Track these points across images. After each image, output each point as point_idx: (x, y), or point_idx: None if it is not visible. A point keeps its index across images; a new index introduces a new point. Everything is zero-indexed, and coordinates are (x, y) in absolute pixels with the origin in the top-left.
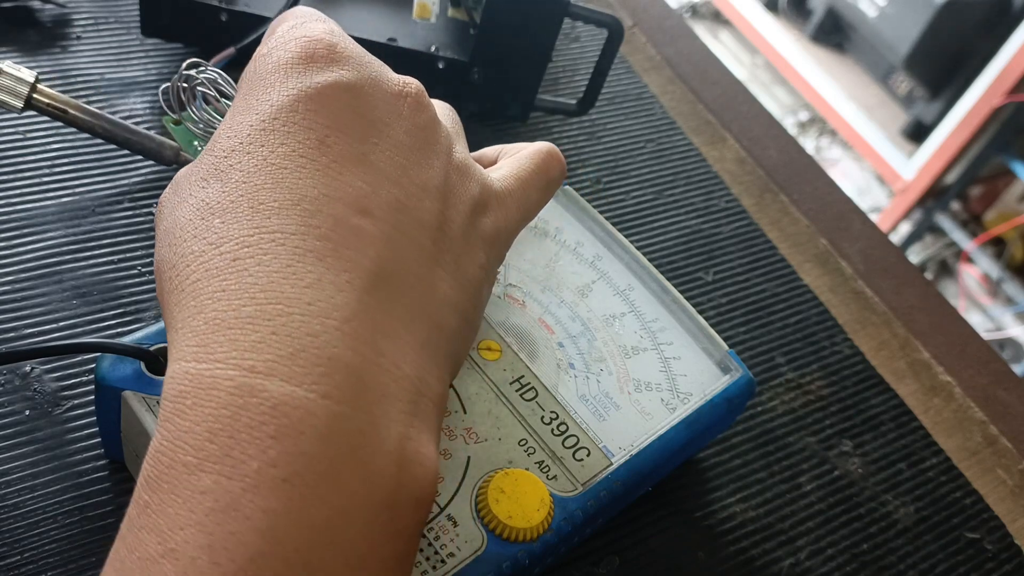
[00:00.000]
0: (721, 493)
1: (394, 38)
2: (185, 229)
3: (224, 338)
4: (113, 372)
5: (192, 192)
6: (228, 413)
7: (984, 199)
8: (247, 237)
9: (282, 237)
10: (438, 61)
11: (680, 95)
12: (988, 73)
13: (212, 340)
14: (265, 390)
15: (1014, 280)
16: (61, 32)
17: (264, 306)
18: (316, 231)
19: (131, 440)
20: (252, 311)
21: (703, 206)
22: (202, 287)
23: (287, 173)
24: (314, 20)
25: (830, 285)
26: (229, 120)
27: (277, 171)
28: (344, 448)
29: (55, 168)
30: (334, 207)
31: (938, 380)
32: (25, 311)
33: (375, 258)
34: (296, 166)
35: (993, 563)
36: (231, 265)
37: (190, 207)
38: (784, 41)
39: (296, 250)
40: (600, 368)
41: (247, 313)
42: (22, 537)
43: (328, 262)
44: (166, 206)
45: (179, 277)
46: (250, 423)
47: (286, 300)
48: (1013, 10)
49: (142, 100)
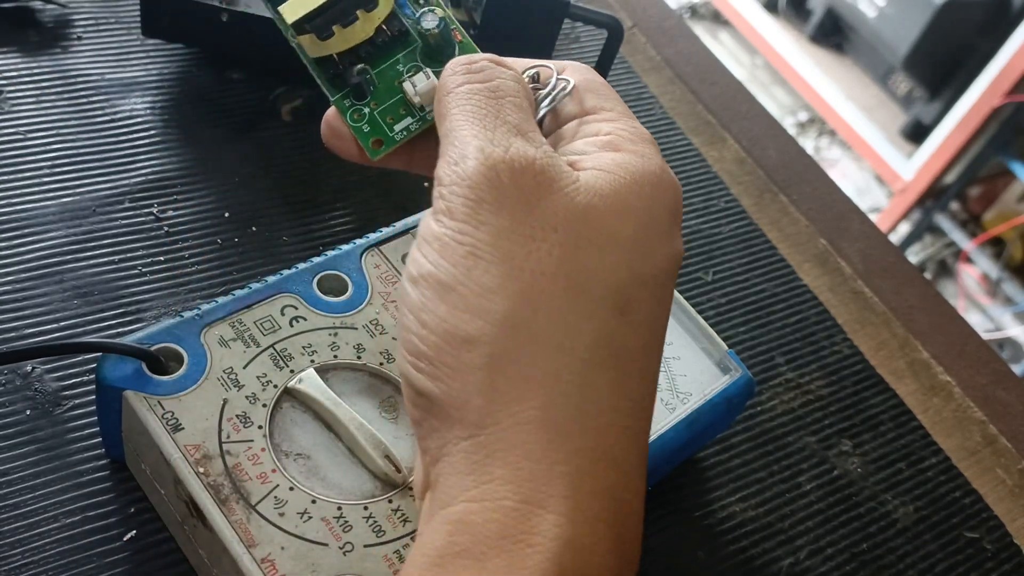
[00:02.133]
0: (721, 492)
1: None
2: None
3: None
4: (114, 372)
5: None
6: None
7: (983, 199)
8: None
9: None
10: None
11: (680, 95)
12: (987, 73)
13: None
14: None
15: (1013, 280)
16: (62, 32)
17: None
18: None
19: (132, 440)
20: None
21: (702, 206)
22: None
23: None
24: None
25: (829, 285)
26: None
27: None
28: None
29: (56, 168)
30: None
31: (937, 380)
32: (26, 311)
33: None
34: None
35: (992, 562)
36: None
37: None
38: (783, 42)
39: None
40: None
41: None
42: (23, 537)
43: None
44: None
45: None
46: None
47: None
48: (1012, 10)
49: (142, 100)
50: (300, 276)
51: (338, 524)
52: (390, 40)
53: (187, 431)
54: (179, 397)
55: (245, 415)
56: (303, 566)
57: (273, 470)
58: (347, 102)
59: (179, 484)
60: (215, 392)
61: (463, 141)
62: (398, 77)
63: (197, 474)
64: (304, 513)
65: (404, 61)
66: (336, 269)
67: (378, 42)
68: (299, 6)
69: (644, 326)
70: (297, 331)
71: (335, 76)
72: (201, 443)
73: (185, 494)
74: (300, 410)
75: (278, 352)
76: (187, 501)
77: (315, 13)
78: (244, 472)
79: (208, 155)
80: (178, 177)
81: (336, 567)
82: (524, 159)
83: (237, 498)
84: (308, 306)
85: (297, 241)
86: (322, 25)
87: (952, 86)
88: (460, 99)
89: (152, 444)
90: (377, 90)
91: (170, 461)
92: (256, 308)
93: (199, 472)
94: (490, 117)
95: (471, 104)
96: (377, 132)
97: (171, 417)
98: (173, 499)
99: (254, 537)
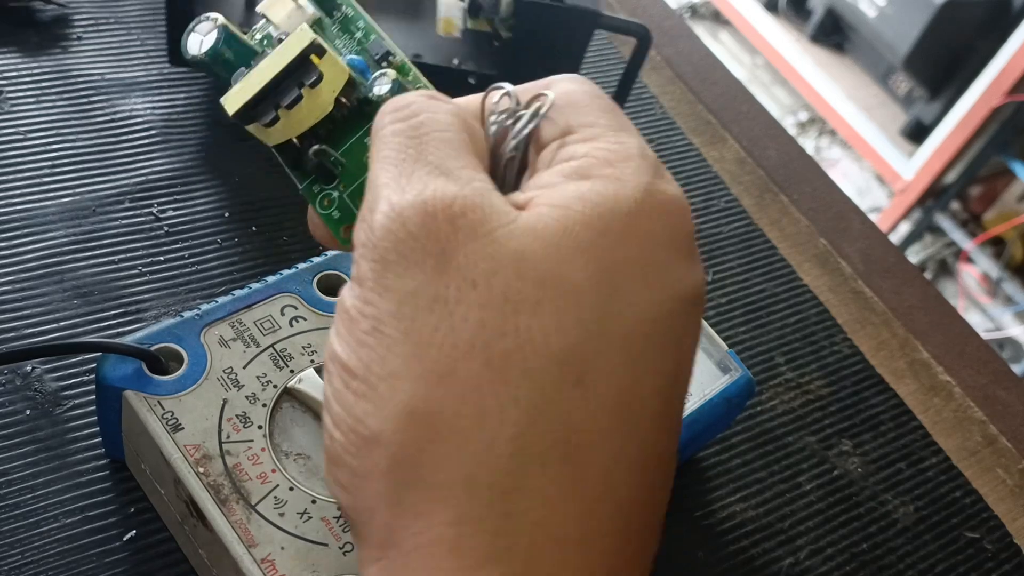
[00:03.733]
0: (721, 492)
1: (419, 54)
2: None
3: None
4: (114, 372)
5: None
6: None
7: (984, 199)
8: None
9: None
10: (468, 76)
11: (680, 95)
12: (988, 73)
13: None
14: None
15: (1013, 280)
16: (61, 32)
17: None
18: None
19: (132, 440)
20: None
21: (703, 206)
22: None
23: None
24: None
25: (830, 285)
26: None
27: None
28: None
29: (55, 168)
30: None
31: (937, 380)
32: (26, 311)
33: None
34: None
35: (992, 563)
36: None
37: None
38: (784, 41)
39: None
40: None
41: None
42: (23, 537)
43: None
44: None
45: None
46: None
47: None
48: (1013, 10)
49: (142, 100)
50: (300, 276)
51: (338, 524)
52: (352, 112)
53: (187, 431)
54: (179, 397)
55: (245, 415)
56: (303, 566)
57: (273, 470)
58: (316, 188)
59: (179, 484)
60: (215, 392)
61: (375, 191)
62: (367, 151)
63: (197, 474)
64: (304, 513)
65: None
66: (336, 269)
67: (338, 117)
68: (239, 94)
69: (613, 399)
70: (297, 331)
71: (298, 161)
72: (201, 443)
73: (185, 494)
74: (300, 410)
75: (278, 352)
76: (187, 501)
77: (253, 101)
78: (244, 472)
79: (208, 155)
80: (178, 177)
81: (336, 567)
82: (440, 200)
83: (237, 498)
84: (308, 306)
85: (297, 241)
86: (264, 112)
87: (952, 86)
88: (381, 144)
89: (152, 444)
90: (346, 170)
91: (170, 461)
92: (256, 308)
93: (199, 472)
94: (408, 160)
95: (390, 148)
96: (348, 218)
97: (171, 417)
98: (173, 499)
99: (254, 537)
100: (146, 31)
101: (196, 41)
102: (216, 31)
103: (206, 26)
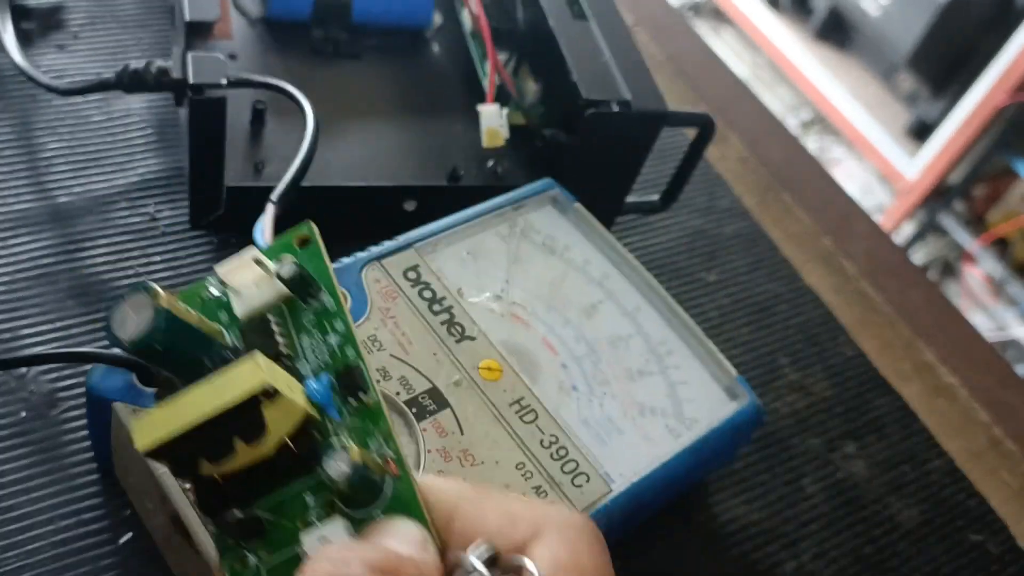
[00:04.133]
0: (723, 495)
1: (458, 174)
2: None
3: None
4: (104, 383)
5: None
6: None
7: (988, 199)
8: None
9: None
10: (509, 186)
11: (682, 94)
12: (992, 72)
13: None
14: None
15: (1018, 281)
16: (58, 31)
17: None
18: None
19: (121, 452)
20: None
21: (705, 206)
22: None
23: None
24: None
25: (833, 285)
26: None
27: None
28: None
29: (51, 168)
30: None
31: (942, 381)
32: (20, 312)
33: None
34: None
35: (997, 566)
36: None
37: None
38: (786, 39)
39: None
40: (604, 391)
41: None
42: (17, 540)
43: None
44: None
45: None
46: None
47: None
48: (1017, 8)
49: (139, 99)
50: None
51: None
52: (298, 461)
53: None
54: None
55: None
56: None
57: None
58: (231, 540)
59: (165, 501)
60: None
61: None
62: (302, 516)
63: (183, 491)
64: None
65: (315, 493)
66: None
67: (279, 464)
68: (155, 426)
69: None
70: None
71: (212, 508)
72: None
73: (171, 511)
74: None
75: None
76: (173, 518)
77: (173, 443)
78: None
79: None
80: (175, 177)
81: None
82: None
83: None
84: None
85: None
86: (183, 461)
87: (956, 85)
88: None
89: (139, 458)
90: (272, 531)
91: (156, 476)
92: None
93: (185, 489)
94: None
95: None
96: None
97: None
98: (159, 514)
99: None
100: (143, 29)
101: (121, 319)
102: (152, 311)
103: (139, 300)
